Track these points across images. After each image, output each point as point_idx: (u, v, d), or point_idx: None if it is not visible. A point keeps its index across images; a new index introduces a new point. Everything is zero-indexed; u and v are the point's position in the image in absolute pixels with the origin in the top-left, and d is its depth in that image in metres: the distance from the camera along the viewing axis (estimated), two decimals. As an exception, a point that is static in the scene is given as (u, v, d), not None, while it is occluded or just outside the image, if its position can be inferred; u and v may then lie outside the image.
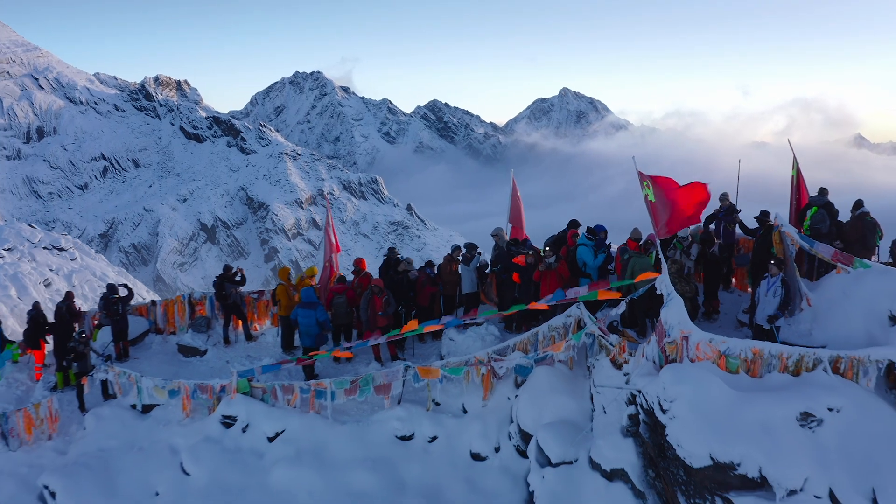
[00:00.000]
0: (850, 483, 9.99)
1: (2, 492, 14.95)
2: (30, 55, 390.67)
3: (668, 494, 10.56)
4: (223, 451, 13.84)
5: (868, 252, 14.04)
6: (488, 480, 12.67)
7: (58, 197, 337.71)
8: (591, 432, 11.88)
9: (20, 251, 58.73)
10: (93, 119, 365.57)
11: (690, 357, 11.07)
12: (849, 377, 10.96)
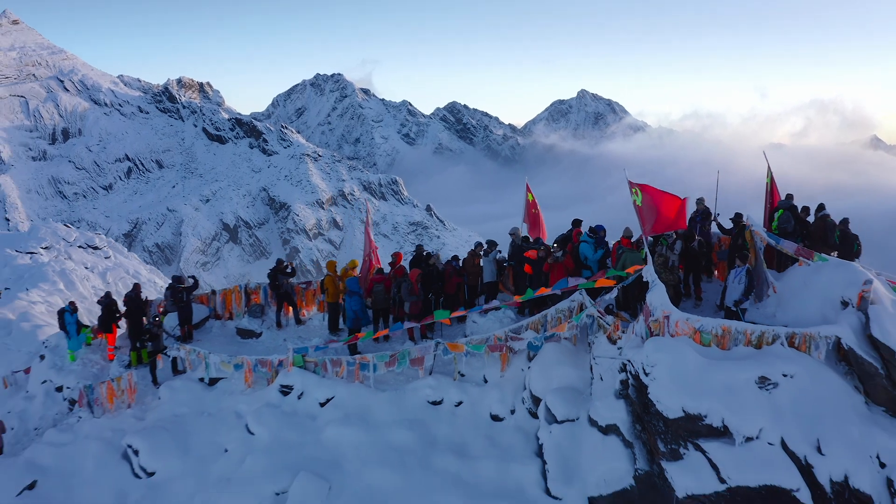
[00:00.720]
0: (799, 434, 12.36)
1: (89, 452, 17.57)
2: (55, 58, 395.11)
3: (650, 443, 12.99)
4: (282, 415, 16.42)
5: (828, 248, 16.39)
6: (505, 437, 15.15)
7: (83, 197, 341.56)
8: (590, 396, 14.34)
9: (57, 249, 61.91)
10: (117, 121, 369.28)
11: (671, 332, 13.50)
12: (802, 350, 13.31)
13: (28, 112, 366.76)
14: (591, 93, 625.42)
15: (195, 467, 16.02)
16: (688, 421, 12.35)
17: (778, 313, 14.89)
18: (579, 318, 15.20)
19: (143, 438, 16.92)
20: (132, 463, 16.75)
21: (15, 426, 20.48)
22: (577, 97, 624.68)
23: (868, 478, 12.01)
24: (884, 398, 13.10)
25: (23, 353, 27.76)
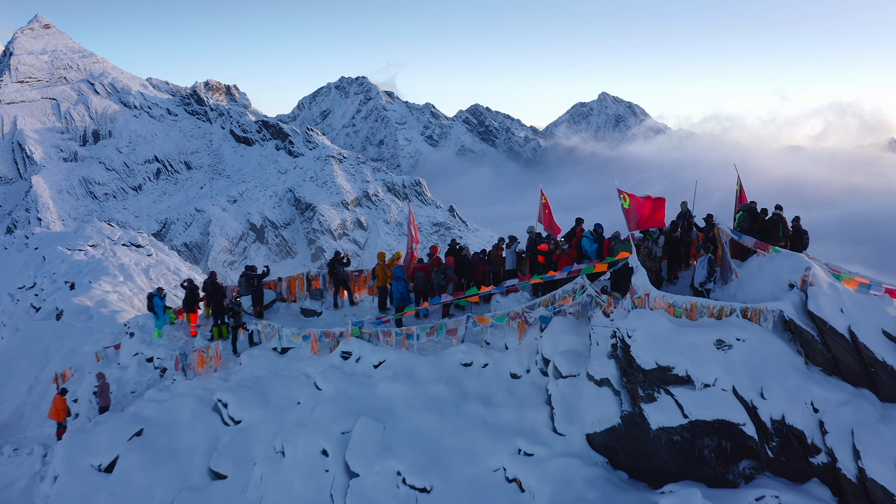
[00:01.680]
0: (747, 383, 16.17)
1: (185, 406, 21.70)
2: (86, 61, 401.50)
3: (633, 390, 16.85)
4: (343, 374, 20.46)
5: (778, 241, 20.23)
6: (521, 390, 19.09)
7: (113, 198, 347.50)
8: (588, 357, 18.24)
9: (102, 247, 66.66)
10: (146, 123, 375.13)
11: (650, 307, 17.38)
12: (754, 321, 17.10)
13: (60, 114, 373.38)
14: (611, 95, 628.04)
15: (274, 416, 20.11)
16: (660, 372, 16.22)
17: (738, 293, 18.74)
18: (580, 297, 19.15)
19: (230, 394, 21.03)
20: (222, 414, 20.87)
21: (114, 390, 24.63)
22: (598, 100, 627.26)
23: (800, 417, 15.77)
24: (820, 360, 16.86)
25: (105, 334, 32.09)
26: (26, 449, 25.22)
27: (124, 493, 19.42)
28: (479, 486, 17.05)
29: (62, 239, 76.14)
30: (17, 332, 36.29)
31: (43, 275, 56.98)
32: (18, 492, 22.50)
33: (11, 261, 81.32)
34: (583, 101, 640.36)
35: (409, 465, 17.38)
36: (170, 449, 20.27)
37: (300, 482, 18.13)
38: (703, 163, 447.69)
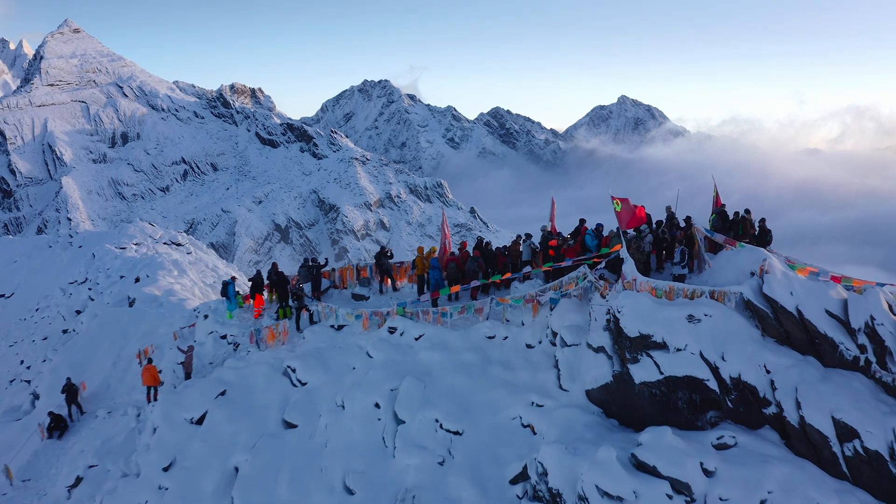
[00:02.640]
0: (711, 348, 20.56)
1: (259, 372, 26.41)
2: (114, 65, 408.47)
3: (622, 355, 21.31)
4: (390, 345, 25.09)
5: (745, 238, 24.66)
6: (534, 357, 23.61)
7: (141, 198, 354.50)
8: (588, 329, 22.75)
9: (146, 245, 71.74)
10: (174, 125, 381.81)
11: (637, 289, 21.85)
12: (720, 301, 21.52)
13: (89, 117, 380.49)
14: (631, 99, 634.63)
15: (334, 378, 24.78)
16: (642, 339, 20.70)
17: (710, 279, 23.19)
18: (583, 282, 23.66)
19: (297, 362, 25.74)
20: (291, 377, 25.57)
21: (194, 362, 29.40)
22: (618, 103, 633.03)
23: (754, 376, 20.13)
24: (773, 332, 21.22)
25: (177, 317, 36.96)
26: (119, 411, 30.10)
27: (213, 440, 24.17)
28: (501, 430, 21.63)
29: (106, 238, 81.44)
30: (95, 318, 41.19)
31: (96, 270, 61.85)
32: (119, 444, 27.32)
33: (57, 258, 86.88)
34: (602, 105, 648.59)
35: (445, 414, 22.00)
36: (249, 405, 25.00)
37: (358, 429, 22.79)
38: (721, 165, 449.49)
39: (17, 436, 33.35)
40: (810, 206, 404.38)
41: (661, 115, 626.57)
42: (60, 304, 58.80)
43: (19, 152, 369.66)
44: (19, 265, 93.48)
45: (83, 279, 62.79)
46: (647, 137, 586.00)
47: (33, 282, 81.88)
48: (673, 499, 17.78)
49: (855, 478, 18.80)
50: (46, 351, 46.28)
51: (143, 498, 23.36)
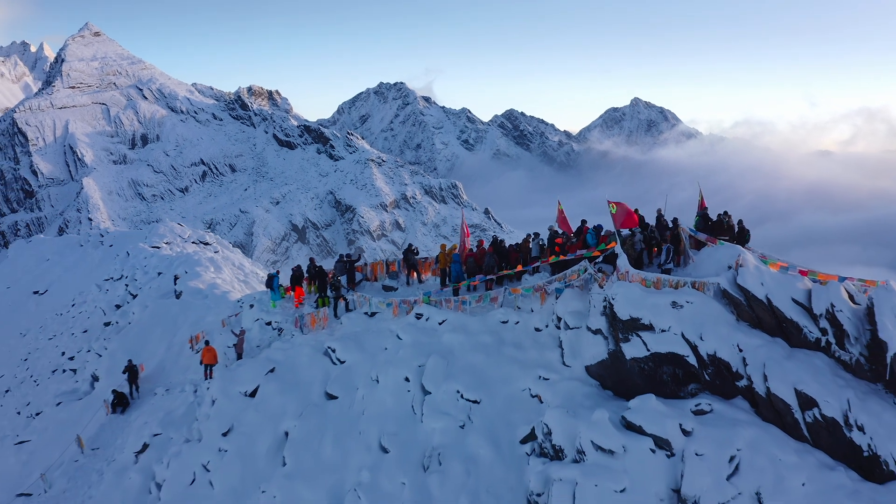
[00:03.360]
0: (691, 330, 24.26)
1: (303, 352, 30.31)
2: (134, 67, 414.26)
3: (615, 335, 25.05)
4: (417, 329, 28.95)
5: (723, 237, 28.39)
6: (542, 339, 27.40)
7: (160, 199, 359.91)
8: (588, 314, 26.53)
9: (176, 244, 75.87)
10: (192, 127, 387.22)
11: (629, 280, 25.60)
12: (700, 290, 25.22)
13: (109, 118, 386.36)
14: (643, 101, 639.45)
15: (369, 357, 28.64)
16: (632, 321, 24.44)
17: (693, 272, 26.90)
18: (584, 274, 27.45)
19: (336, 343, 29.64)
20: (331, 356, 29.47)
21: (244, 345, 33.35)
22: (631, 105, 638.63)
23: (728, 353, 23.73)
24: (746, 317, 24.87)
25: (222, 308, 40.95)
26: (176, 389, 34.11)
27: (265, 409, 28.12)
28: (512, 400, 25.43)
29: (136, 237, 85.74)
30: (146, 309, 45.29)
31: (132, 267, 65.92)
32: (179, 416, 31.30)
33: (88, 256, 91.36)
34: (615, 107, 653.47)
35: (465, 386, 25.83)
36: (295, 380, 28.93)
37: (390, 399, 26.67)
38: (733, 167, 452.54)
39: (81, 413, 37.49)
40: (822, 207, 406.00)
41: (674, 118, 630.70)
42: (97, 299, 62.88)
43: (41, 153, 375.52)
44: (52, 263, 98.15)
45: (119, 276, 66.81)
46: (659, 139, 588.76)
47: (66, 279, 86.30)
48: (655, 453, 21.46)
49: (814, 440, 22.27)
50: (91, 341, 50.45)
51: (206, 459, 27.31)
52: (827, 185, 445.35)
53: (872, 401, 22.11)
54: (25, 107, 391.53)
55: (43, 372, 54.26)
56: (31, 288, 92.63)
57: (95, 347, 48.09)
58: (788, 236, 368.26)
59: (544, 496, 21.53)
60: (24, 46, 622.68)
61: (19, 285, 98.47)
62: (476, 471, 23.57)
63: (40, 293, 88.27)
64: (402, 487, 23.67)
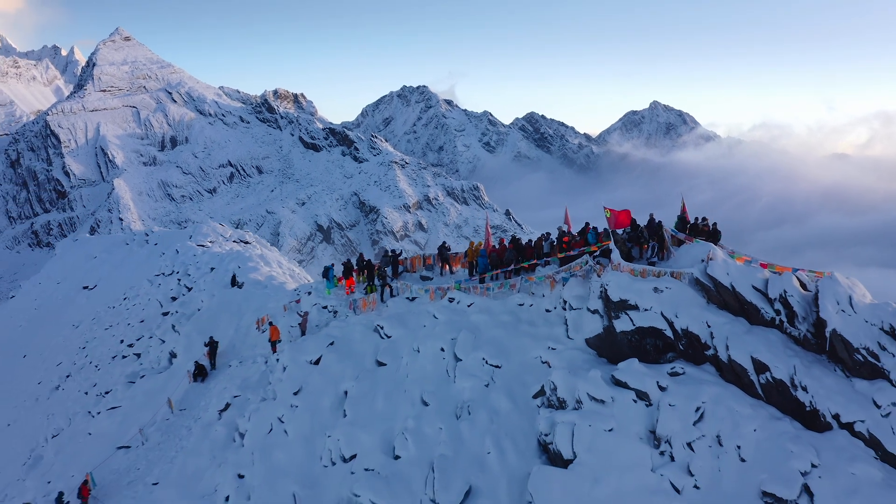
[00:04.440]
0: (669, 309, 30.61)
1: (356, 329, 36.96)
2: (164, 71, 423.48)
3: (608, 314, 31.53)
4: (450, 310, 35.56)
5: (699, 236, 34.81)
6: (551, 318, 33.89)
7: (189, 199, 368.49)
8: (588, 298, 33.04)
9: (218, 243, 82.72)
10: (220, 129, 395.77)
11: (621, 270, 32.13)
12: (677, 278, 31.66)
13: (140, 121, 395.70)
14: (662, 104, 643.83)
15: (411, 333, 35.25)
16: (621, 303, 30.91)
17: (673, 265, 33.35)
18: (585, 266, 34.02)
19: (384, 321, 36.29)
20: (380, 332, 36.12)
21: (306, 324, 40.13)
22: (650, 108, 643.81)
23: (698, 328, 30.10)
24: (715, 300, 31.20)
25: (280, 295, 47.75)
26: (249, 360, 40.91)
27: (327, 374, 34.80)
28: (526, 365, 31.91)
29: (180, 237, 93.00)
30: (213, 297, 52.17)
31: (183, 263, 72.86)
32: (254, 381, 38.09)
33: (134, 255, 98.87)
34: (635, 110, 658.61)
35: (489, 354, 32.35)
36: (350, 351, 35.62)
37: (429, 365, 33.26)
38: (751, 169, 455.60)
39: (164, 383, 44.45)
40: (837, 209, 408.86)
41: (693, 121, 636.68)
42: (150, 292, 69.94)
43: (73, 155, 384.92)
44: (100, 261, 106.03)
45: (170, 272, 73.79)
46: (678, 142, 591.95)
47: (115, 275, 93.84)
48: (637, 402, 27.90)
49: (766, 398, 28.46)
50: (152, 329, 57.41)
51: (280, 413, 34.04)
52: (843, 187, 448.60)
53: (816, 368, 28.07)
54: (58, 109, 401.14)
55: (103, 358, 61.31)
56: (80, 283, 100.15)
57: (158, 334, 55.07)
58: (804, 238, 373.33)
59: (551, 435, 27.99)
60: (56, 50, 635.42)
61: (69, 281, 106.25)
62: (497, 419, 30.10)
63: (90, 288, 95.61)
64: (440, 432, 30.23)
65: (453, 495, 27.65)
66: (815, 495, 24.62)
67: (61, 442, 48.59)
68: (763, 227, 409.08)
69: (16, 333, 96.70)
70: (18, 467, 50.65)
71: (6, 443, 58.91)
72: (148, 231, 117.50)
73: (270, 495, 30.60)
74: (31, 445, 53.80)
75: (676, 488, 25.85)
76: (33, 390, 68.34)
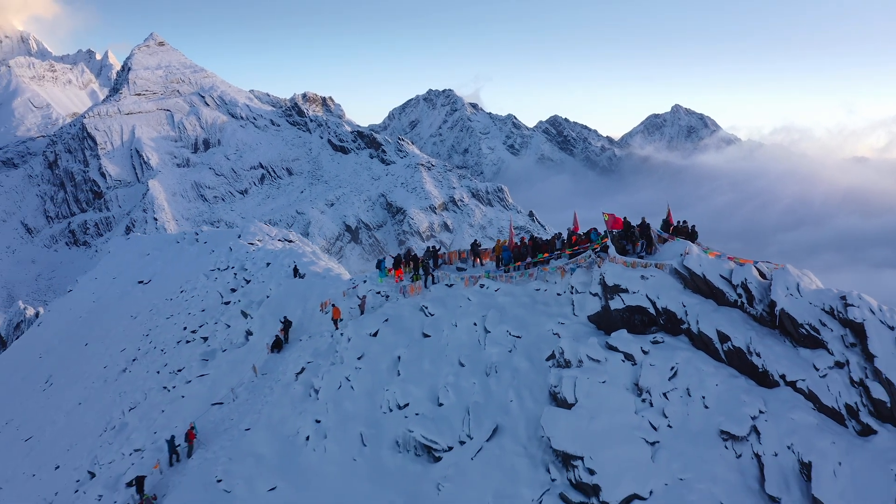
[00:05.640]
0: (652, 292, 39.30)
1: (405, 309, 46.07)
2: (197, 76, 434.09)
3: (605, 295, 40.40)
4: (481, 294, 44.57)
5: (680, 236, 43.61)
6: (561, 300, 42.69)
7: (221, 200, 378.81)
8: (590, 284, 42.00)
9: (265, 241, 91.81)
10: (252, 132, 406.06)
11: (616, 262, 41.06)
12: (660, 269, 40.47)
13: (173, 124, 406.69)
14: (684, 108, 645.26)
15: (450, 311, 44.23)
16: (616, 287, 39.64)
17: (657, 258, 42.18)
18: (588, 258, 43.02)
19: (428, 303, 45.35)
20: (425, 311, 45.18)
21: (365, 305, 49.36)
22: (672, 112, 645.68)
23: (675, 307, 38.67)
24: (690, 286, 39.79)
25: (338, 284, 57.00)
26: (317, 335, 50.13)
27: (384, 343, 43.90)
28: (541, 336, 40.83)
29: (228, 236, 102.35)
30: (280, 286, 61.51)
31: (238, 259, 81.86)
32: (323, 350, 47.18)
33: (184, 252, 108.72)
34: (657, 113, 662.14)
35: (512, 327, 41.32)
36: (402, 326, 44.74)
37: (464, 336, 42.29)
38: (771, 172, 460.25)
39: (245, 355, 53.74)
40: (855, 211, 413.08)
41: (714, 124, 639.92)
42: (208, 286, 79.17)
43: (109, 157, 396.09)
44: (152, 257, 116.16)
45: (225, 267, 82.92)
46: (699, 145, 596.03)
47: (168, 270, 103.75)
48: (624, 362, 36.70)
49: (728, 361, 36.64)
50: (216, 316, 66.58)
51: (347, 373, 43.18)
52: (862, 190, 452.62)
53: (769, 339, 36.34)
54: (94, 113, 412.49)
55: (168, 343, 70.33)
56: (135, 278, 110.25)
57: (223, 319, 64.27)
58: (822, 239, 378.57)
59: (558, 387, 36.86)
60: (90, 54, 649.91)
61: (124, 276, 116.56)
62: (518, 376, 39.10)
63: (144, 283, 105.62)
64: (473, 385, 39.29)
65: (484, 432, 36.70)
66: (762, 433, 32.77)
67: (142, 411, 57.45)
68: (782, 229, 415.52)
69: (76, 324, 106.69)
70: (96, 437, 59.51)
71: (80, 418, 67.82)
72: (198, 231, 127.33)
73: (342, 434, 39.77)
74: (106, 419, 62.53)
75: (654, 426, 34.26)
76: (100, 373, 77.26)
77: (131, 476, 42.84)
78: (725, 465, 32.39)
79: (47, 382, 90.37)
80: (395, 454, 38.25)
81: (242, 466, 39.36)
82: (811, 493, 30.08)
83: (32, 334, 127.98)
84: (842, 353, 33.69)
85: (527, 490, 34.32)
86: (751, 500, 31.02)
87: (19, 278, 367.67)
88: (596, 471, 32.92)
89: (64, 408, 75.32)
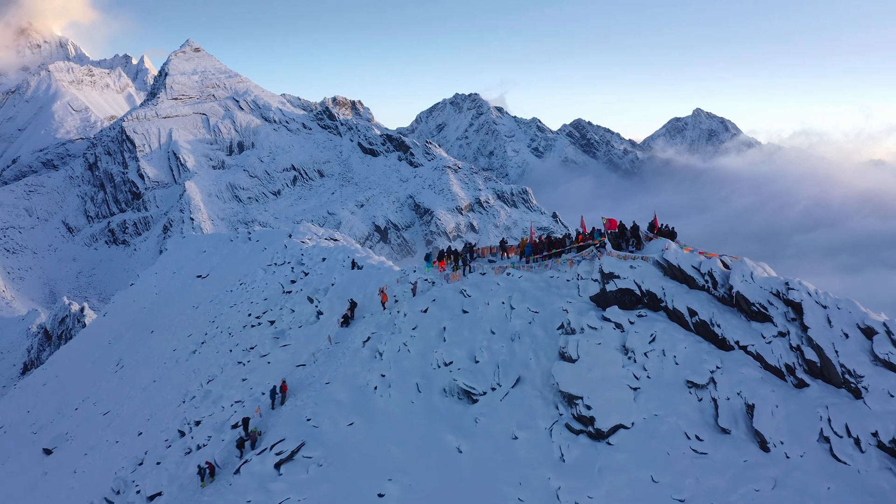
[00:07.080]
0: (639, 279, 51.86)
1: (448, 294, 58.77)
2: (231, 81, 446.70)
3: (603, 281, 52.91)
4: (508, 280, 56.94)
5: (664, 236, 56.07)
6: (570, 285, 55.00)
7: (255, 201, 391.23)
8: (592, 271, 54.61)
9: (314, 240, 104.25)
10: (284, 135, 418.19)
11: (611, 256, 53.60)
12: (645, 261, 52.86)
13: (209, 127, 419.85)
14: (705, 111, 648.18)
15: (483, 293, 56.68)
16: (611, 274, 51.87)
17: (643, 252, 54.65)
18: (591, 252, 55.59)
19: (466, 287, 57.82)
20: (463, 294, 57.70)
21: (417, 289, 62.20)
22: (693, 115, 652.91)
23: (656, 290, 50.92)
24: (668, 274, 51.91)
25: (391, 274, 69.82)
26: (378, 313, 62.88)
27: (432, 318, 56.50)
28: (554, 311, 53.05)
29: (279, 235, 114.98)
30: (343, 276, 74.42)
31: (293, 255, 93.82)
32: (384, 324, 59.76)
33: (238, 250, 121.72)
34: (678, 117, 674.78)
35: (532, 305, 53.69)
36: (446, 305, 57.33)
37: (494, 311, 54.70)
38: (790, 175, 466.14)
39: (318, 330, 66.64)
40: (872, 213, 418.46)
41: (734, 128, 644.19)
42: (266, 278, 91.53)
43: (147, 159, 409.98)
44: (208, 254, 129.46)
45: (282, 262, 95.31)
46: (720, 148, 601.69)
47: (223, 266, 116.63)
48: (615, 329, 48.93)
49: (696, 331, 48.53)
50: (281, 303, 79.12)
51: (404, 340, 55.69)
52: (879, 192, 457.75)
53: (728, 314, 48.33)
54: (133, 116, 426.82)
55: (235, 326, 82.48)
56: (194, 273, 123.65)
57: (288, 305, 76.95)
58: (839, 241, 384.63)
59: (565, 347, 49.36)
60: (127, 59, 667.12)
61: (183, 271, 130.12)
62: (535, 341, 51.61)
63: (203, 277, 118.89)
64: (502, 347, 51.90)
65: (510, 381, 49.44)
66: (717, 383, 44.63)
67: (224, 380, 69.20)
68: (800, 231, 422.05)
69: (142, 314, 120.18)
70: (174, 407, 70.54)
71: (156, 393, 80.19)
72: (250, 230, 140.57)
73: (402, 384, 52.49)
74: (182, 391, 73.49)
75: (636, 377, 46.43)
76: (170, 356, 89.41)
77: (236, 420, 55.59)
78: (689, 406, 43.82)
79: (118, 365, 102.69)
80: (443, 398, 50.85)
81: (326, 409, 51.79)
82: (753, 426, 41.19)
83: (99, 324, 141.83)
84: (784, 326, 43.60)
85: (541, 422, 46.65)
86: (707, 431, 42.90)
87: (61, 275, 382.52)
88: (592, 407, 44.94)
89: (139, 385, 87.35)
